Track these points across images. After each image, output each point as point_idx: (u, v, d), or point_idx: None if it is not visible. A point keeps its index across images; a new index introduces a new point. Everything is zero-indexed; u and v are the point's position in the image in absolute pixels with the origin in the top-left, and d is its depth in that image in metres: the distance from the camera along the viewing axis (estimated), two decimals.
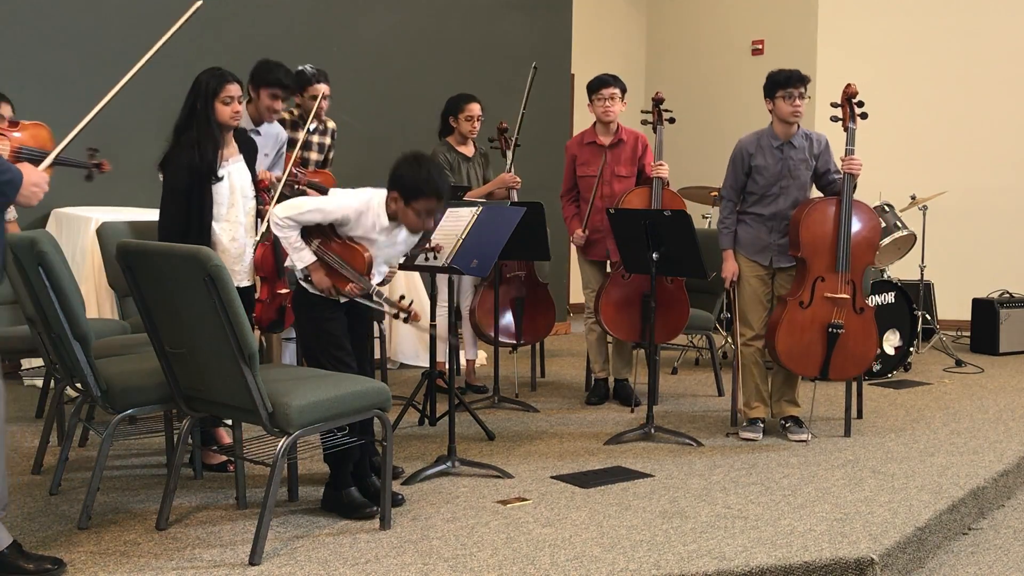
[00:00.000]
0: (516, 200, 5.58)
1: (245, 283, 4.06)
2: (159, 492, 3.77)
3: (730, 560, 3.23)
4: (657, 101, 5.42)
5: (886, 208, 6.87)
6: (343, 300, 3.66)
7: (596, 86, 5.43)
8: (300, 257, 3.60)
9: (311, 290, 3.66)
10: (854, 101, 4.79)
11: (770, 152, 4.83)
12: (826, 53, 8.80)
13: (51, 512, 3.62)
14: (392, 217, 3.61)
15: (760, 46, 9.25)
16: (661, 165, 5.25)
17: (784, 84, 4.74)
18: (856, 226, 4.70)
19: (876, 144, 8.53)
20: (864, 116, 4.79)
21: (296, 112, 5.26)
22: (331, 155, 5.47)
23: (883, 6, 8.78)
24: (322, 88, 5.11)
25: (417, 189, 3.52)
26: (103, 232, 5.07)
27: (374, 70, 6.83)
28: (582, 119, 9.33)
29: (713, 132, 9.47)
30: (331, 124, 5.41)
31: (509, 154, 5.83)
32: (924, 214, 7.22)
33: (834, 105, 4.83)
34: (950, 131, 8.61)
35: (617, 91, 5.40)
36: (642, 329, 5.27)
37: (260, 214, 4.11)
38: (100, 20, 6.32)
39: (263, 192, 4.17)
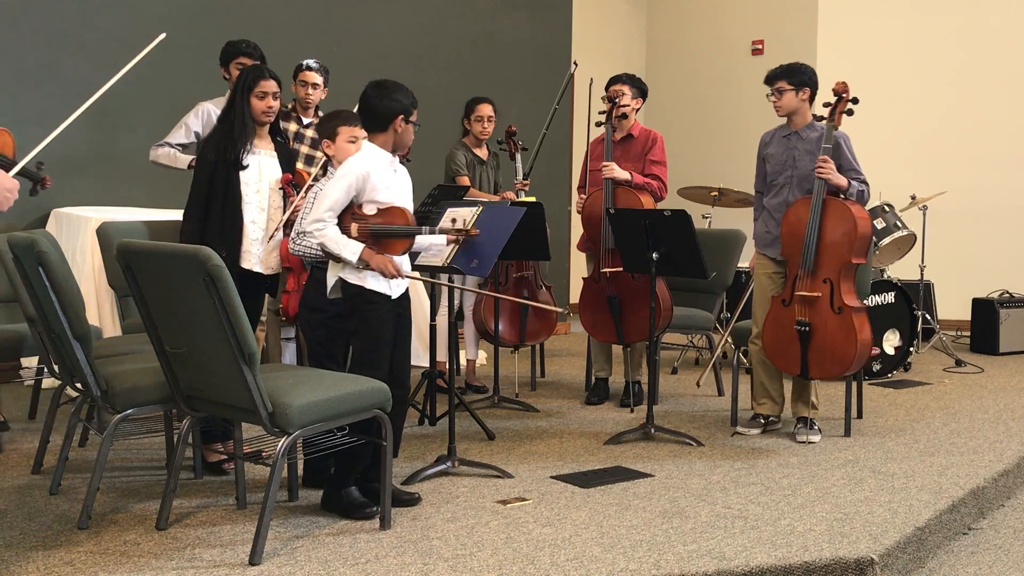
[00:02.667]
0: (520, 200, 5.58)
1: (257, 268, 4.13)
2: (159, 492, 3.77)
3: (730, 560, 3.23)
4: (610, 99, 5.45)
5: (886, 208, 6.87)
6: (402, 276, 3.67)
7: (607, 84, 5.54)
8: (350, 250, 3.57)
9: (369, 285, 3.64)
10: (850, 99, 4.76)
11: (779, 141, 4.90)
12: (826, 53, 8.80)
13: (51, 512, 3.62)
14: (393, 149, 3.73)
15: (760, 46, 9.25)
16: (607, 166, 5.30)
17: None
18: (830, 225, 4.65)
19: (876, 144, 8.54)
20: (850, 113, 4.76)
21: (291, 104, 5.28)
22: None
23: (883, 6, 8.78)
24: (311, 76, 5.12)
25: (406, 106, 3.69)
26: (103, 232, 5.07)
27: (374, 70, 6.80)
28: (582, 119, 9.34)
29: (712, 132, 9.47)
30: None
31: (518, 156, 5.82)
32: (924, 214, 7.22)
33: (826, 105, 4.82)
34: (950, 131, 8.61)
35: (622, 88, 5.44)
36: (616, 329, 5.30)
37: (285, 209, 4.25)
38: (102, 18, 6.32)
39: (287, 186, 4.23)
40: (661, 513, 3.69)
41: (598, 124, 5.48)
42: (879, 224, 6.77)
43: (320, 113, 5.30)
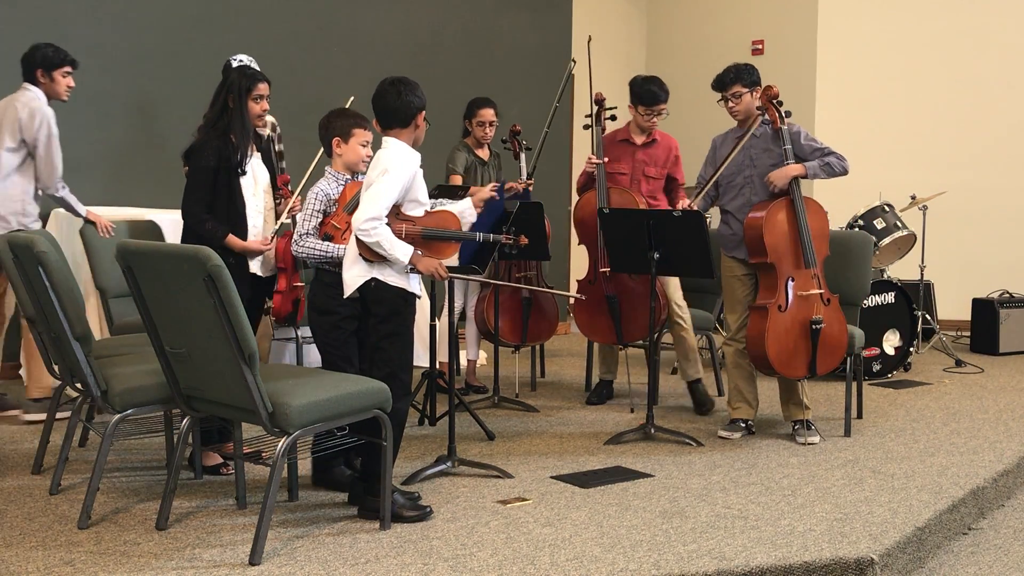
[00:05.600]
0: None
1: (259, 271, 4.13)
2: (159, 492, 3.77)
3: (730, 560, 3.23)
4: (599, 102, 5.44)
5: (886, 208, 6.87)
6: (449, 278, 3.72)
7: (650, 101, 5.36)
8: (402, 251, 3.53)
9: (411, 288, 3.63)
10: (775, 102, 4.76)
11: (732, 142, 4.91)
12: (826, 53, 8.80)
13: (51, 512, 3.62)
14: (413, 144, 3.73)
15: (760, 46, 9.25)
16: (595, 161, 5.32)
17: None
18: (812, 222, 4.69)
19: (876, 144, 8.54)
20: (788, 114, 4.77)
21: None
22: (279, 148, 5.49)
23: (883, 6, 8.78)
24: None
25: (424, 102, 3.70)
26: (86, 232, 5.11)
27: (374, 70, 6.86)
28: (582, 119, 9.33)
29: (712, 132, 9.44)
30: (270, 119, 5.29)
31: (523, 156, 5.80)
32: (924, 214, 7.22)
33: (760, 109, 4.82)
34: (950, 131, 8.61)
35: (667, 107, 5.44)
36: (615, 330, 5.29)
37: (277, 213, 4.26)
38: (101, 18, 6.32)
39: (283, 186, 4.24)
40: (661, 513, 3.69)
41: (585, 127, 5.48)
42: (879, 224, 6.77)
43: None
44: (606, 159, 5.35)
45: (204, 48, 6.58)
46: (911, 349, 6.67)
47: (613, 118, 5.49)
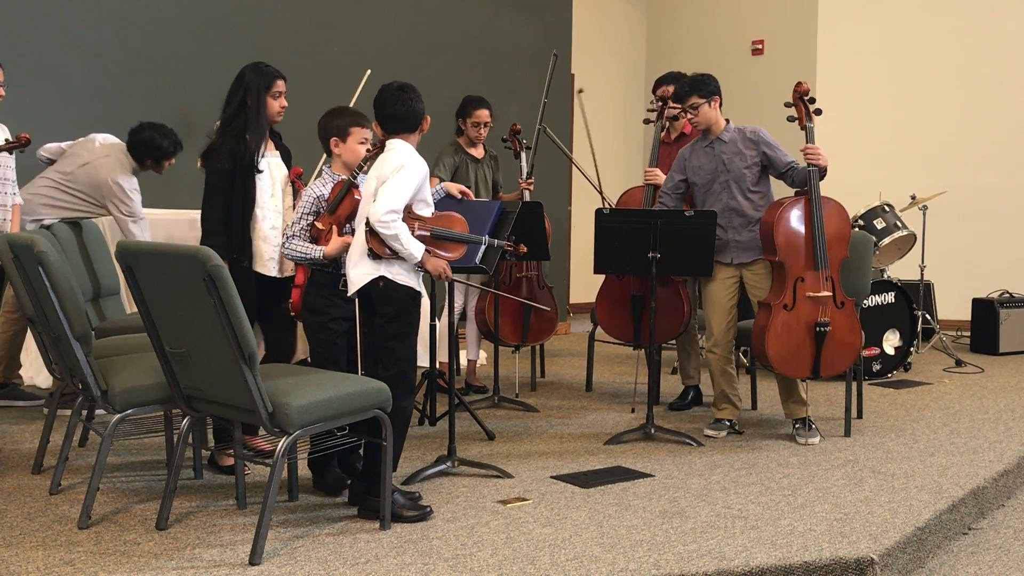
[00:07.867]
0: (527, 200, 5.56)
1: (276, 272, 4.09)
2: (159, 492, 3.77)
3: (730, 560, 3.23)
4: (662, 98, 5.47)
5: (886, 208, 6.87)
6: (450, 276, 3.74)
7: (653, 87, 5.65)
8: (417, 248, 3.55)
9: (417, 287, 3.65)
10: (806, 99, 4.77)
11: (702, 152, 4.93)
12: (826, 53, 8.80)
13: (51, 512, 3.62)
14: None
15: (760, 46, 9.25)
16: (650, 171, 5.36)
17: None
18: (828, 223, 4.67)
19: (876, 144, 8.55)
20: (818, 112, 4.77)
21: None
22: None
23: (883, 6, 8.78)
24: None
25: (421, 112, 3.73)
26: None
27: (373, 70, 6.91)
28: (582, 119, 9.33)
29: None
30: None
31: (523, 155, 5.78)
32: (924, 214, 7.22)
33: (787, 105, 4.82)
34: (950, 131, 8.61)
35: (669, 89, 5.49)
36: (634, 329, 5.28)
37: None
38: (102, 18, 6.32)
39: (296, 179, 4.24)
40: (661, 513, 3.69)
41: (646, 122, 5.47)
42: (879, 224, 6.77)
43: None
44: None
45: (204, 49, 6.59)
46: (911, 349, 6.67)
47: (676, 118, 5.48)
